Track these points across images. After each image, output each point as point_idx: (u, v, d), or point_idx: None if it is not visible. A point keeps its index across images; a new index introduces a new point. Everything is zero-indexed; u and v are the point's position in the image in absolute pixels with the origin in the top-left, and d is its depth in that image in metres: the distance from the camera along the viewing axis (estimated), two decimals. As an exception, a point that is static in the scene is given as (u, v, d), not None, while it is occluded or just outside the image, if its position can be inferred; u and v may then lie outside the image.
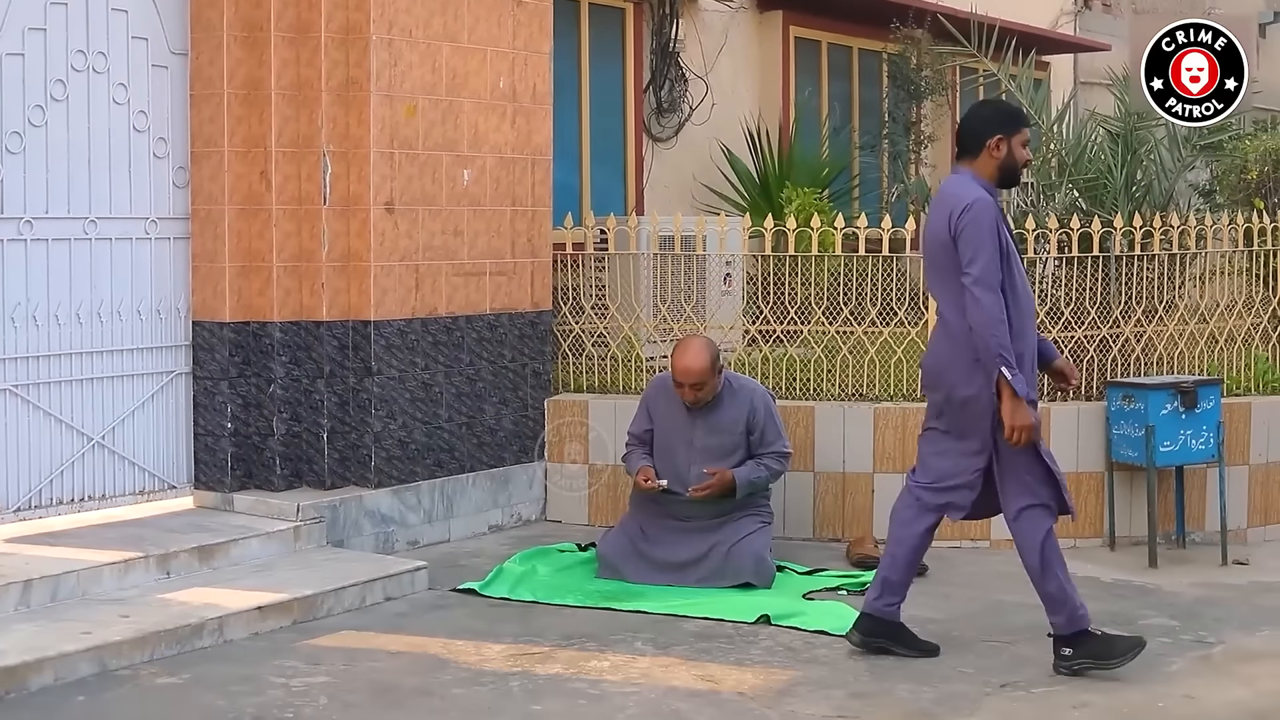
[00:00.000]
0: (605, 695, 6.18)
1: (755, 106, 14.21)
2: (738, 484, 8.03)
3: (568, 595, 7.71)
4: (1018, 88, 10.42)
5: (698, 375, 8.02)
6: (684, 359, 8.06)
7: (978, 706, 6.12)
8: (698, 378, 8.03)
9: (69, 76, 7.85)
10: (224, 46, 8.16)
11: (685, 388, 8.07)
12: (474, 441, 8.97)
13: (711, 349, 8.12)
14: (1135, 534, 8.88)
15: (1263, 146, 10.68)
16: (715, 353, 8.13)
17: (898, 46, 14.66)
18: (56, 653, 6.20)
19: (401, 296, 8.46)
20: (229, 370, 8.28)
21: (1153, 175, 10.13)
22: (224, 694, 6.09)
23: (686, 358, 8.06)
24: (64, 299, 7.88)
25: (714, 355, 8.10)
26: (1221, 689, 6.39)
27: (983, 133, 6.58)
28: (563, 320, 9.66)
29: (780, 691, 6.25)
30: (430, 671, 6.45)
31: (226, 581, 7.34)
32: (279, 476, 8.34)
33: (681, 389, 8.09)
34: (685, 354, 8.08)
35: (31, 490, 7.80)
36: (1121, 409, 8.71)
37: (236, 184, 8.23)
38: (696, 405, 8.12)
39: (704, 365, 8.02)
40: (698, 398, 8.09)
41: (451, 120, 8.69)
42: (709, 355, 8.06)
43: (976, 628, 7.24)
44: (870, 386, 9.27)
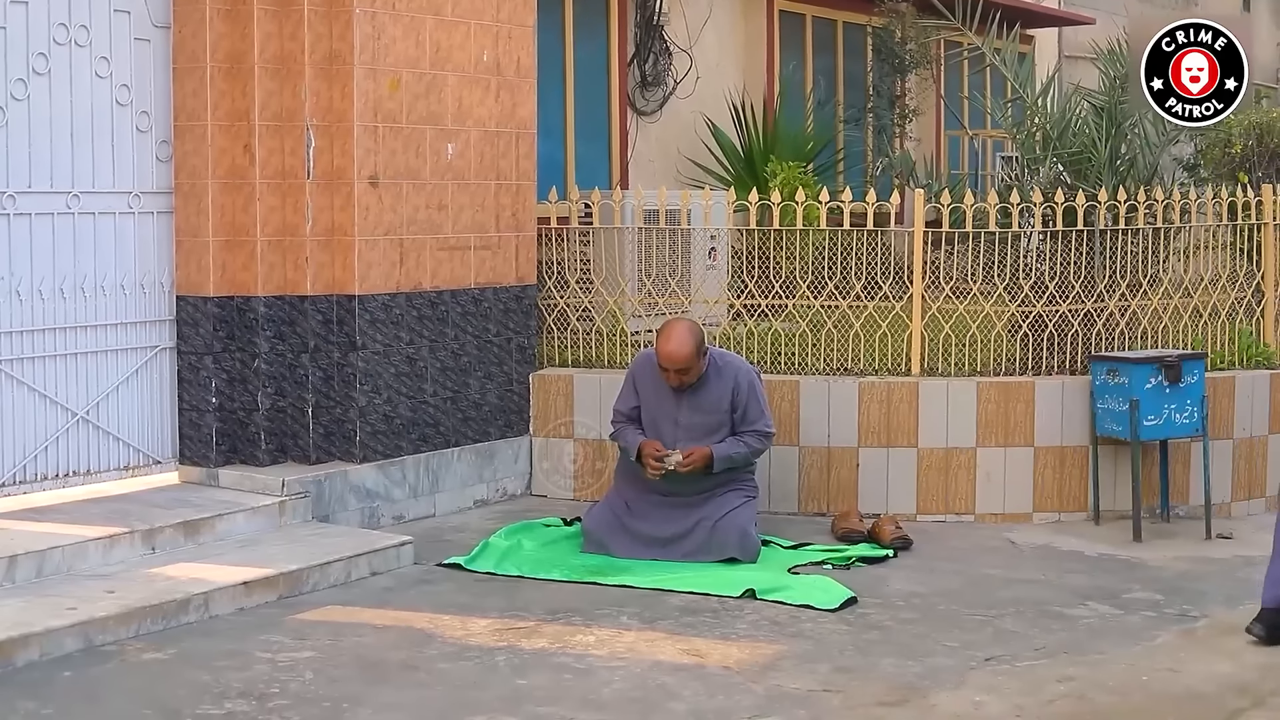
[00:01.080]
0: (591, 669, 6.19)
1: (740, 80, 14.18)
2: (715, 458, 8.02)
3: (553, 570, 7.71)
4: (1002, 61, 10.41)
5: (682, 362, 8.02)
6: (668, 345, 8.04)
7: (963, 680, 6.13)
8: (682, 364, 8.02)
9: (51, 50, 7.81)
10: (207, 20, 8.12)
11: (670, 373, 8.06)
12: (459, 416, 8.96)
13: (696, 333, 8.10)
14: (1120, 508, 8.90)
15: (1246, 121, 10.69)
16: (700, 336, 8.11)
17: (882, 20, 14.66)
18: (42, 628, 6.19)
19: (386, 271, 8.45)
20: (213, 345, 8.26)
21: (1137, 149, 10.14)
22: (210, 669, 6.08)
23: (671, 344, 8.03)
24: (47, 274, 7.85)
25: (698, 340, 8.08)
26: (1205, 662, 6.41)
27: None
28: (547, 295, 9.65)
29: (765, 665, 6.27)
30: (416, 646, 6.45)
31: (212, 557, 7.33)
32: (264, 451, 8.33)
33: (666, 373, 8.08)
34: (669, 340, 8.05)
35: (16, 466, 7.78)
36: (1106, 383, 8.72)
37: (220, 158, 8.20)
38: (682, 388, 8.12)
39: (688, 352, 8.01)
40: (683, 381, 8.09)
41: (435, 94, 8.66)
42: (693, 341, 8.04)
43: (961, 602, 7.25)
44: (855, 361, 9.28)
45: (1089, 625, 6.92)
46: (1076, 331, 9.24)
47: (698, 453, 8.00)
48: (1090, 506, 8.95)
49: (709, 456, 8.01)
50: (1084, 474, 8.96)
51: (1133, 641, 6.66)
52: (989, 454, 8.93)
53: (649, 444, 8.10)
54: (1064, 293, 9.23)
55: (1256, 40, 8.86)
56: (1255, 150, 10.62)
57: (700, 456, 8.00)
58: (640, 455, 8.09)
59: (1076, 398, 8.96)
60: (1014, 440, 8.94)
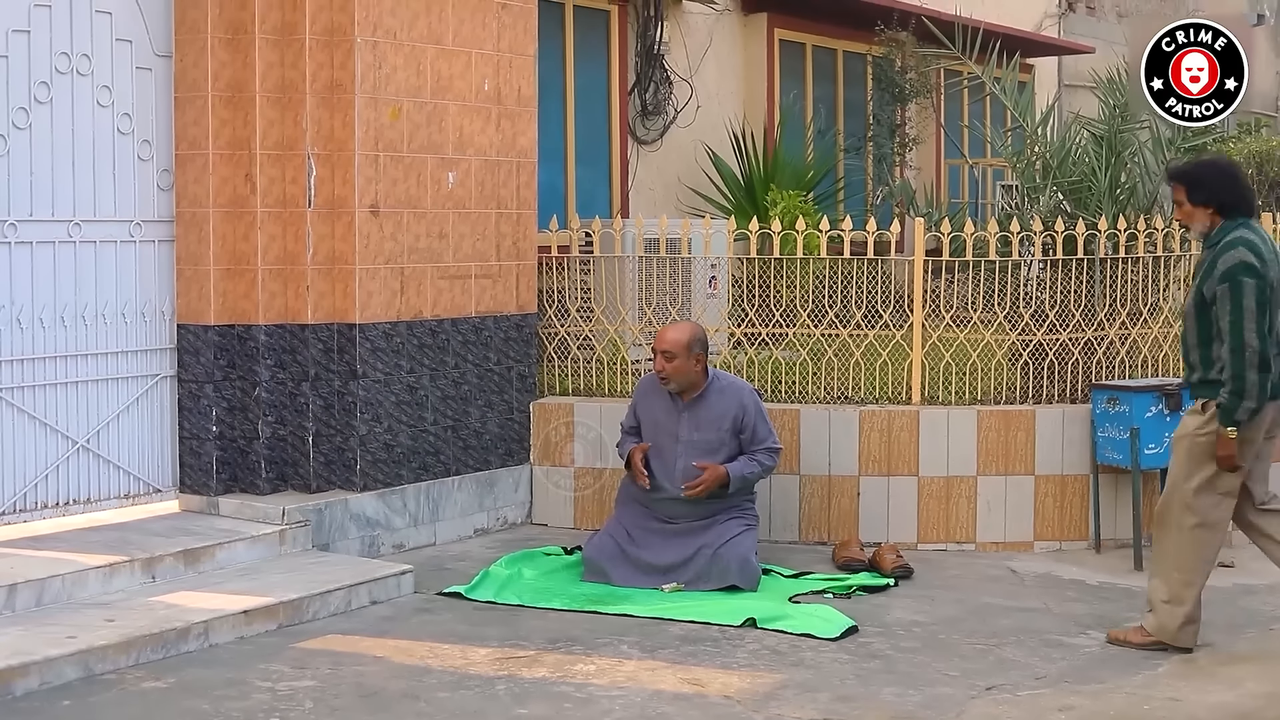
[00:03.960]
0: (591, 699, 6.17)
1: (740, 109, 14.22)
2: (730, 478, 8.04)
3: (553, 599, 7.70)
4: (1002, 90, 10.44)
5: (669, 343, 8.09)
6: (664, 330, 8.22)
7: (963, 710, 6.12)
8: (669, 345, 8.09)
9: (53, 79, 7.83)
10: (208, 49, 8.14)
11: (658, 356, 8.10)
12: (459, 445, 8.96)
13: (695, 330, 8.22)
14: (1121, 536, 8.89)
15: (1247, 149, 10.72)
16: (698, 335, 8.19)
17: (882, 49, 14.68)
18: (42, 657, 6.18)
19: (387, 299, 8.45)
20: (214, 373, 8.26)
21: (1137, 178, 10.14)
22: (209, 698, 6.07)
23: (666, 329, 8.22)
24: (48, 302, 7.86)
25: (695, 336, 8.16)
26: (1206, 691, 6.40)
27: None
28: (548, 323, 9.65)
29: (766, 695, 6.25)
30: (416, 675, 6.44)
31: (212, 585, 7.33)
32: (264, 480, 8.33)
33: (656, 358, 8.12)
34: (667, 327, 8.27)
35: (16, 494, 7.78)
36: (1106, 412, 8.72)
37: (221, 187, 8.22)
38: (667, 383, 8.13)
39: (679, 337, 8.11)
40: (667, 371, 8.09)
41: (436, 123, 8.68)
42: (689, 333, 8.16)
43: (962, 630, 7.24)
44: (855, 389, 9.28)
45: (1090, 654, 6.90)
46: (1077, 360, 9.24)
47: (711, 473, 8.01)
48: (1091, 535, 8.94)
49: (724, 476, 8.02)
50: (1085, 502, 8.95)
51: (1134, 670, 6.64)
52: (990, 482, 8.93)
53: (637, 449, 8.16)
54: (1064, 321, 9.23)
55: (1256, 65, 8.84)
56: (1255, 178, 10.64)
57: (714, 476, 8.01)
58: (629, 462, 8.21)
59: (1077, 426, 8.96)
60: (1015, 469, 8.93)
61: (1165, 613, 6.93)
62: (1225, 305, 6.69)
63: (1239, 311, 6.65)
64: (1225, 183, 6.94)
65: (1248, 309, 6.64)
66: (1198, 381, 6.94)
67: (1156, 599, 6.98)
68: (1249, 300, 6.65)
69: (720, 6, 13.93)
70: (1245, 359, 6.65)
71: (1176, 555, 6.95)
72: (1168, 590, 6.94)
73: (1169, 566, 6.96)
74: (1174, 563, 6.95)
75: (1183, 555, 6.93)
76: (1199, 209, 6.89)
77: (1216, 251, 6.79)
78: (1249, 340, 6.64)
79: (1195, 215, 6.91)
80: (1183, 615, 6.91)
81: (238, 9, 8.16)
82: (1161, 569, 7.01)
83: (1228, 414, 6.72)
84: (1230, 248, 6.73)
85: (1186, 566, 6.93)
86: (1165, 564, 6.99)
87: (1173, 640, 6.92)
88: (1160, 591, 6.97)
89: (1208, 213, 6.88)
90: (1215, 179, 6.95)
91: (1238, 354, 6.66)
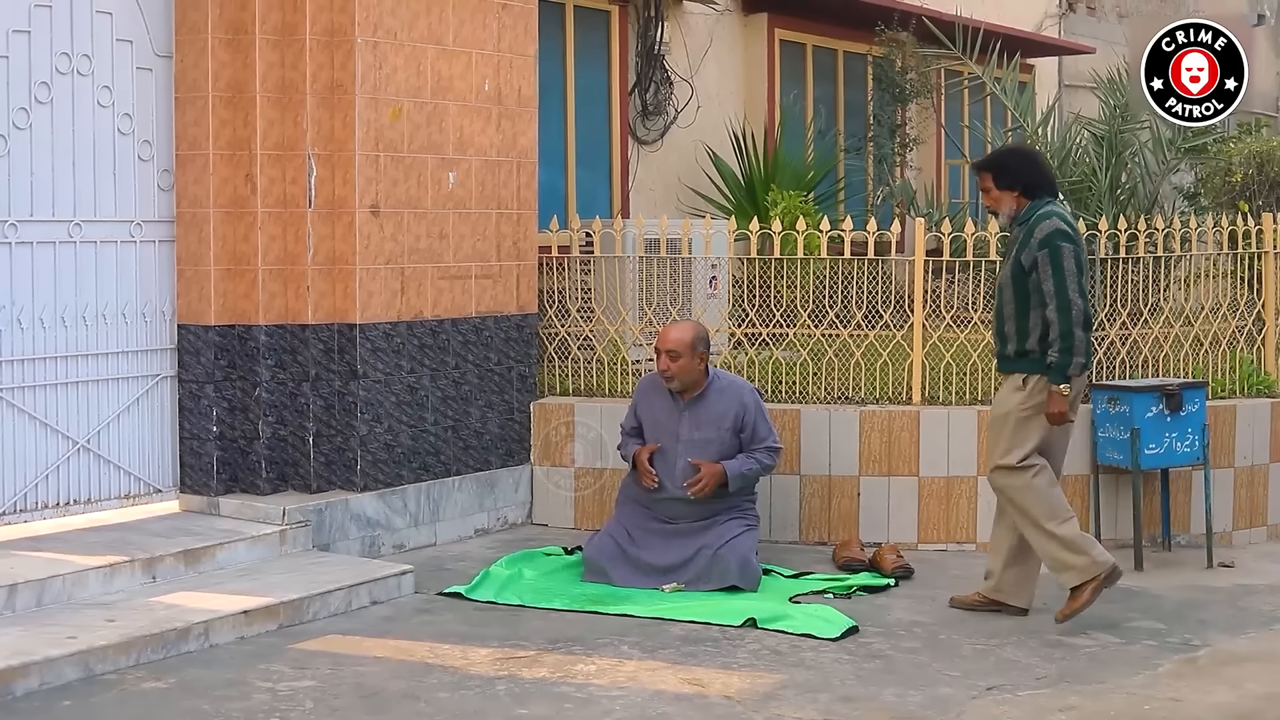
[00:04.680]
0: (592, 699, 6.17)
1: (740, 109, 14.21)
2: (729, 477, 8.05)
3: (554, 599, 7.70)
4: (1003, 90, 10.44)
5: (673, 343, 8.10)
6: (667, 329, 8.23)
7: (964, 710, 6.12)
8: (673, 345, 8.10)
9: (53, 79, 7.83)
10: (209, 49, 8.14)
11: (662, 355, 8.10)
12: (460, 445, 8.96)
13: (698, 329, 8.24)
14: (1121, 537, 8.89)
15: (1247, 149, 10.71)
16: (701, 334, 8.21)
17: (883, 49, 14.66)
18: (42, 657, 6.18)
19: (387, 300, 8.45)
20: (214, 374, 8.26)
21: (1137, 178, 10.16)
22: (210, 699, 6.07)
23: (670, 329, 8.23)
24: (49, 302, 7.86)
25: (699, 335, 8.18)
26: (1207, 692, 6.40)
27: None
28: (548, 323, 9.66)
29: (767, 695, 6.25)
30: (416, 676, 6.44)
31: (212, 585, 7.33)
32: (265, 480, 8.33)
33: (659, 358, 8.11)
34: (670, 326, 8.29)
35: (16, 494, 7.78)
36: (1107, 412, 8.72)
37: (221, 187, 8.22)
38: (670, 382, 8.14)
39: (683, 336, 8.12)
40: (671, 370, 8.10)
41: (436, 123, 8.68)
42: (693, 332, 8.17)
43: (963, 631, 7.24)
44: (856, 389, 9.28)
45: (1090, 654, 6.90)
46: (1077, 360, 9.23)
47: (708, 471, 8.01)
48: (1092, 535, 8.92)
49: (722, 474, 8.03)
50: (1085, 503, 8.95)
51: (1135, 671, 6.65)
52: (990, 483, 8.92)
53: (643, 450, 8.16)
54: (1065, 321, 9.22)
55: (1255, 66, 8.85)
56: (1255, 179, 10.63)
57: (712, 474, 8.02)
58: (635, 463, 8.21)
59: (1078, 426, 8.91)
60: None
61: (1079, 555, 7.17)
62: (1047, 269, 7.07)
63: (1061, 274, 7.04)
64: (1028, 166, 7.40)
65: (1069, 270, 7.04)
66: (1014, 354, 7.29)
67: (1061, 558, 7.19)
68: (1069, 262, 7.06)
69: (720, 7, 13.93)
70: (1073, 317, 7.03)
71: (1038, 507, 7.23)
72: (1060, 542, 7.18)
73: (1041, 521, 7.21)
74: (1042, 514, 7.21)
75: (1043, 503, 7.23)
76: (1005, 193, 7.31)
77: (1030, 224, 7.18)
78: (1074, 299, 7.03)
79: (1003, 200, 7.32)
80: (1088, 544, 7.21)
81: (238, 9, 8.16)
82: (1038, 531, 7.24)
83: (1060, 371, 7.09)
84: (1044, 219, 7.15)
85: (1053, 510, 7.23)
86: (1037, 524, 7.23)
87: (1101, 570, 7.15)
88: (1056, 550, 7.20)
89: (1014, 195, 7.30)
90: (1019, 164, 7.39)
91: (1065, 312, 7.03)
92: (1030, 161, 7.50)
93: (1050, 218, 7.15)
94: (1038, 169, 7.43)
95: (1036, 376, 7.20)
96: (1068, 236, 7.11)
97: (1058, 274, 7.04)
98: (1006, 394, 7.33)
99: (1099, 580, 7.16)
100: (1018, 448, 7.24)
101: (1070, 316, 7.03)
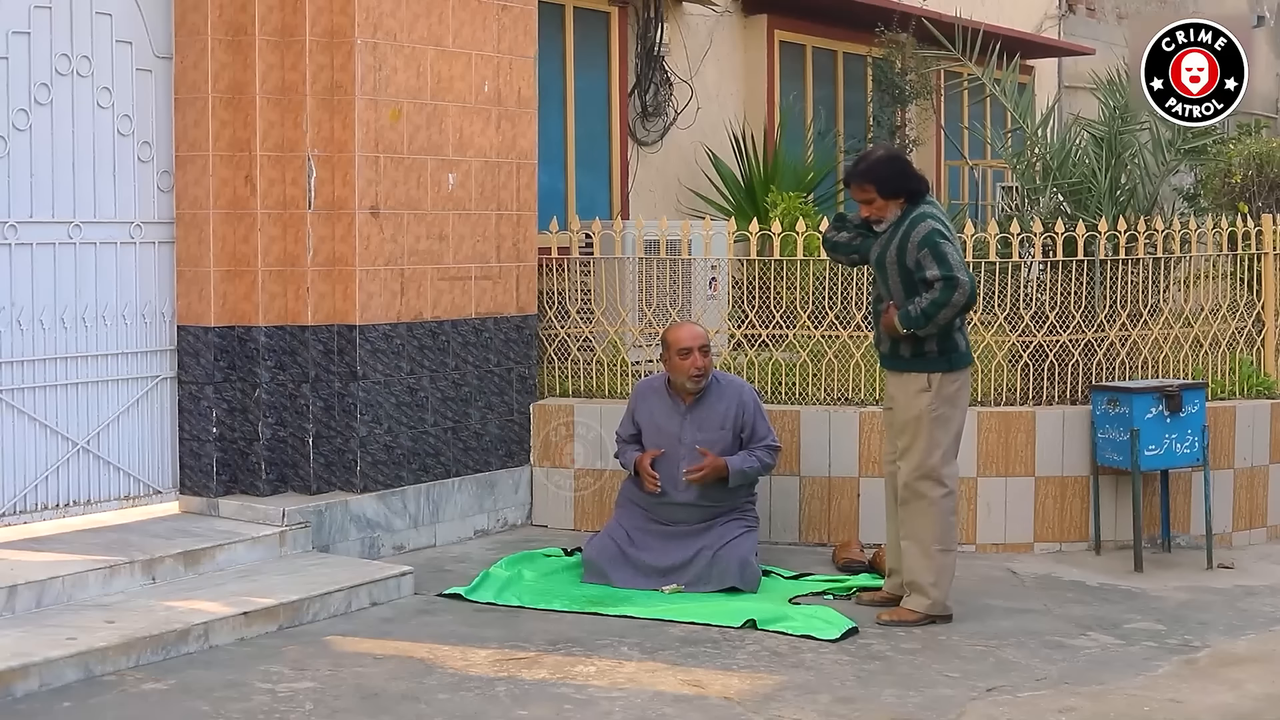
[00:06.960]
0: (591, 700, 6.17)
1: (740, 110, 14.22)
2: (730, 471, 8.05)
3: (553, 600, 7.70)
4: (1002, 92, 10.43)
5: (703, 338, 8.20)
6: (682, 329, 8.26)
7: (963, 711, 6.12)
8: (704, 339, 8.20)
9: (53, 80, 7.83)
10: (208, 50, 8.14)
11: (693, 353, 8.09)
12: (460, 446, 8.96)
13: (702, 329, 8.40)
14: (1120, 538, 8.90)
15: (1247, 150, 10.71)
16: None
17: (882, 50, 14.68)
18: (42, 658, 6.18)
19: (387, 301, 8.45)
20: (214, 375, 8.26)
21: (1137, 179, 10.14)
22: (209, 700, 6.07)
23: (686, 327, 8.28)
24: (48, 303, 7.86)
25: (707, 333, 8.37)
26: (1207, 693, 6.40)
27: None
28: (548, 325, 9.66)
29: (766, 696, 6.25)
30: (416, 677, 6.44)
31: (212, 587, 7.33)
32: (264, 481, 8.33)
33: (691, 356, 8.10)
34: (683, 326, 8.33)
35: (16, 495, 7.78)
36: (1106, 413, 8.72)
37: (221, 188, 8.22)
38: (701, 380, 8.15)
39: (704, 332, 8.27)
40: (703, 365, 8.12)
41: (436, 124, 8.68)
42: (703, 329, 8.32)
43: (962, 632, 7.24)
44: (856, 391, 9.28)
45: (1090, 655, 6.90)
46: (1077, 361, 9.24)
47: (710, 462, 8.02)
48: (1091, 536, 8.94)
49: (723, 468, 8.03)
50: (1085, 504, 8.95)
51: (1134, 672, 6.65)
52: (990, 484, 8.92)
53: (645, 456, 8.15)
54: (1064, 323, 9.23)
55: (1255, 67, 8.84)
56: (1255, 180, 10.63)
57: (713, 466, 8.02)
58: (637, 470, 8.20)
59: (1077, 428, 8.96)
60: (1015, 470, 8.93)
61: (937, 590, 7.33)
62: (930, 262, 7.16)
63: (947, 263, 7.12)
64: (908, 172, 7.47)
65: (954, 261, 7.14)
66: (910, 355, 7.34)
67: (923, 580, 7.33)
68: (953, 255, 7.16)
69: (720, 8, 13.94)
70: (953, 298, 7.09)
71: (933, 528, 7.32)
72: (933, 569, 7.32)
73: (928, 542, 7.33)
74: (933, 536, 7.32)
75: (939, 526, 7.34)
76: (891, 202, 7.38)
77: (906, 227, 7.27)
78: (960, 277, 7.10)
79: (888, 208, 7.39)
80: (948, 583, 7.38)
81: (238, 11, 8.16)
82: (921, 547, 7.35)
83: (907, 317, 7.19)
84: (919, 220, 7.25)
85: (945, 537, 7.36)
86: (924, 541, 7.35)
87: (943, 612, 7.36)
88: (925, 573, 7.33)
89: (899, 203, 7.36)
90: (898, 174, 7.42)
91: (950, 288, 7.10)
92: (907, 166, 7.56)
93: (924, 220, 7.23)
94: (914, 174, 7.50)
95: (939, 375, 7.29)
96: (944, 233, 7.21)
97: (942, 264, 7.11)
98: (911, 396, 7.36)
99: (934, 619, 7.34)
100: (938, 447, 7.31)
101: (953, 293, 7.09)
